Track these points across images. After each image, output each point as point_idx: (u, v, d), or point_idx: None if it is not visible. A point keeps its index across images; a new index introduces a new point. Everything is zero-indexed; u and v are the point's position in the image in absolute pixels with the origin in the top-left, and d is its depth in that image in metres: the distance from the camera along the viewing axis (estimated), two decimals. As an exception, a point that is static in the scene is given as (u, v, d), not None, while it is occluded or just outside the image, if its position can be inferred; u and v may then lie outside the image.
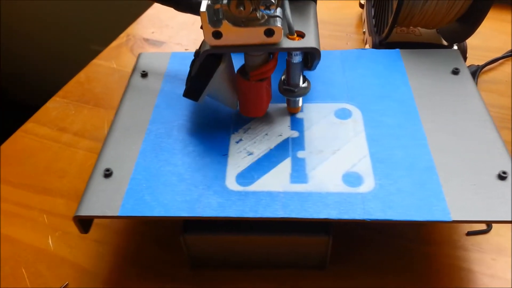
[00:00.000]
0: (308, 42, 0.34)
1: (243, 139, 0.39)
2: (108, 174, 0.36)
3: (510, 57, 0.60)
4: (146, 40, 0.69)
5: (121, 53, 0.67)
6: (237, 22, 0.33)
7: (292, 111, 0.40)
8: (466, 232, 0.40)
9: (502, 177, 0.34)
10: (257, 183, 0.35)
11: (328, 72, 0.44)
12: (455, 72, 0.43)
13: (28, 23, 1.25)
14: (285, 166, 0.36)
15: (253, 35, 0.33)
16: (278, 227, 0.35)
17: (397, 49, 0.47)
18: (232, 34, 0.33)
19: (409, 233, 0.40)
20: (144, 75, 0.46)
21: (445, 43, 0.56)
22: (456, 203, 0.32)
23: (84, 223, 0.35)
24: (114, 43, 0.69)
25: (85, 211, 0.33)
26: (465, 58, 0.55)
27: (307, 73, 0.41)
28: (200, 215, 0.33)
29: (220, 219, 0.33)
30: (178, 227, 0.35)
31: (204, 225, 0.35)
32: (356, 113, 0.40)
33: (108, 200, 0.34)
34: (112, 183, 0.35)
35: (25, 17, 1.24)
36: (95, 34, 1.01)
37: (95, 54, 0.67)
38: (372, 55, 0.46)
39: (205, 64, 0.35)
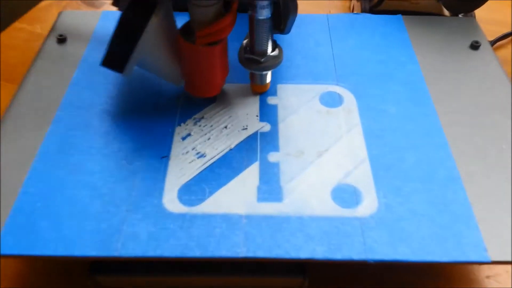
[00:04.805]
0: None
1: (192, 133, 0.28)
2: (-17, 187, 0.24)
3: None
4: (83, -1, 0.56)
5: (50, 16, 0.53)
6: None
7: (257, 90, 0.31)
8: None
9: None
10: (209, 202, 0.25)
11: (311, 43, 0.35)
12: (475, 46, 0.35)
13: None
14: (250, 175, 0.26)
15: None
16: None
17: (399, 15, 0.39)
18: None
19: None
20: (62, 40, 0.35)
21: (447, 13, 0.47)
22: (492, 233, 0.23)
23: None
24: (43, 3, 0.56)
25: None
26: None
27: (280, 40, 0.31)
28: (119, 255, 0.22)
29: (149, 260, 0.22)
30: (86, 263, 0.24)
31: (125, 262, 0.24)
32: (349, 98, 0.31)
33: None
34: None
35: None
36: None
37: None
38: (368, 22, 0.38)
39: (129, 17, 0.24)
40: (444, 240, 0.23)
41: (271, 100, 0.30)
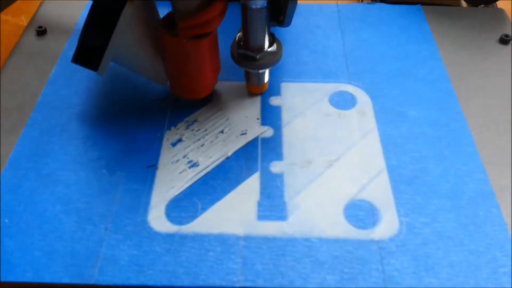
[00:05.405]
0: None
1: (183, 139, 0.25)
2: None
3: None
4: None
5: (37, 6, 0.50)
6: None
7: (254, 91, 0.28)
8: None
9: None
10: (202, 220, 0.22)
11: (319, 36, 0.32)
12: (505, 40, 0.32)
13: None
14: (249, 188, 0.23)
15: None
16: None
17: (418, 5, 0.35)
18: None
19: None
20: (41, 32, 0.31)
21: (464, 4, 0.43)
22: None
23: None
24: (30, -8, 0.52)
25: None
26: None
27: (284, 33, 0.30)
28: (95, 283, 0.19)
29: (131, 290, 0.19)
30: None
31: None
32: (363, 99, 0.28)
33: None
34: None
35: None
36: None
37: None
38: (383, 12, 0.34)
39: (101, 6, 0.21)
40: (476, 268, 0.20)
41: (274, 101, 0.27)
